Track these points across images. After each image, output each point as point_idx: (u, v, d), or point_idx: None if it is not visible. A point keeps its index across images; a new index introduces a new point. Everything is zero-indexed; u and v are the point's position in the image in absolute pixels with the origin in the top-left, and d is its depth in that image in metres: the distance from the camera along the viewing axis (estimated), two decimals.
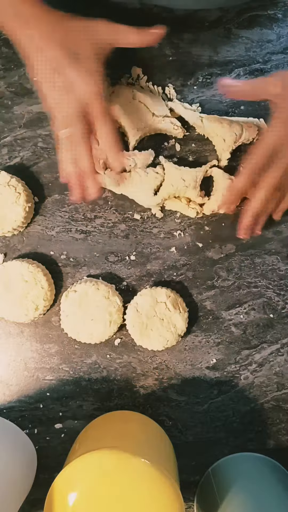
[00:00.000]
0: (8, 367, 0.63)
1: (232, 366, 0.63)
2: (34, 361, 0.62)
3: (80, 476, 0.47)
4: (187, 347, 0.63)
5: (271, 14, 0.64)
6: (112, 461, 0.47)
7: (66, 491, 0.47)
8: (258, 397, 0.63)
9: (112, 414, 0.61)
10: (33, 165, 0.63)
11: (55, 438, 0.62)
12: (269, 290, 0.63)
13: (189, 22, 0.63)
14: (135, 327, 0.59)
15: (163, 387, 0.63)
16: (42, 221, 0.63)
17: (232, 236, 0.63)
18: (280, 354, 0.63)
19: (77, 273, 0.63)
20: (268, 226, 0.63)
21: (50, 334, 0.63)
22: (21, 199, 0.59)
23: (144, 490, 0.46)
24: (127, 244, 0.63)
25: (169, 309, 0.59)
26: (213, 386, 0.63)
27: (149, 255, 0.63)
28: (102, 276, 0.63)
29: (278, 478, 0.58)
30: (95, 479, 0.47)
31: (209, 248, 0.63)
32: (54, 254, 0.63)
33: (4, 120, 0.63)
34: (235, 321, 0.63)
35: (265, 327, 0.63)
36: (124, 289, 0.63)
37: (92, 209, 0.63)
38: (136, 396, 0.62)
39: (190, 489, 0.62)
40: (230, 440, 0.63)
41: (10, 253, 0.63)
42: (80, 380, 0.62)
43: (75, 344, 0.62)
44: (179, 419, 0.63)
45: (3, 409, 0.62)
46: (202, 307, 0.63)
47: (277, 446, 0.63)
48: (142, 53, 0.63)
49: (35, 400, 0.62)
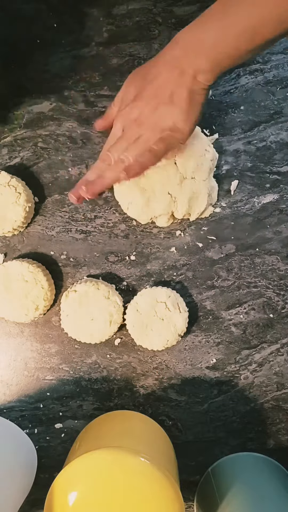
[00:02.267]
0: (8, 367, 0.63)
1: (232, 366, 0.63)
2: (34, 361, 0.63)
3: (80, 476, 0.47)
4: (187, 347, 0.63)
5: None
6: (112, 461, 0.47)
7: (66, 491, 0.47)
8: (258, 397, 0.63)
9: (112, 414, 0.61)
10: (33, 165, 0.63)
11: (55, 438, 0.62)
12: (269, 290, 0.63)
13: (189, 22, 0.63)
14: (135, 327, 0.59)
15: (163, 387, 0.63)
16: (42, 221, 0.63)
17: (232, 236, 0.63)
18: (280, 354, 0.63)
19: (77, 273, 0.63)
20: (268, 226, 0.63)
21: (50, 334, 0.63)
22: (21, 199, 0.59)
23: (144, 490, 0.46)
24: (127, 244, 0.63)
25: (169, 309, 0.59)
26: (213, 386, 0.63)
27: (149, 255, 0.63)
28: (102, 276, 0.63)
29: (278, 478, 0.58)
30: (95, 479, 0.47)
31: (209, 248, 0.63)
32: (54, 254, 0.63)
33: (4, 120, 0.63)
34: (235, 321, 0.63)
35: (265, 327, 0.63)
36: (124, 289, 0.63)
37: (92, 209, 0.63)
38: (136, 396, 0.63)
39: (190, 489, 0.62)
40: (230, 440, 0.63)
41: (10, 253, 0.63)
42: (80, 380, 0.63)
43: (75, 344, 0.62)
44: (179, 419, 0.63)
45: (3, 409, 0.62)
46: (202, 307, 0.63)
47: (277, 446, 0.63)
48: (142, 54, 0.63)
49: (35, 400, 0.62)
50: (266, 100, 0.64)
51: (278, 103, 0.63)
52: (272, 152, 0.63)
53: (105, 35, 0.64)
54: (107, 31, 0.63)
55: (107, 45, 0.64)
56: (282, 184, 0.63)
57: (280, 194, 0.63)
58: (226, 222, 0.63)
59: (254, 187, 0.63)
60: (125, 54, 0.63)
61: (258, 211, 0.63)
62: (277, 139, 0.63)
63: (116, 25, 0.63)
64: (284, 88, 0.64)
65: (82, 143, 0.63)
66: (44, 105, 0.63)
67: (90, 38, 0.64)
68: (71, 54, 0.64)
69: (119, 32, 0.64)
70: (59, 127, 0.63)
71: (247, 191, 0.63)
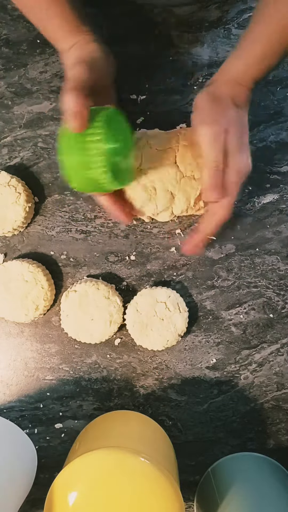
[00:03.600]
0: (8, 367, 0.63)
1: (232, 366, 0.63)
2: (34, 361, 0.63)
3: (80, 476, 0.47)
4: (187, 347, 0.63)
5: None
6: (112, 461, 0.47)
7: (66, 491, 0.47)
8: (258, 397, 0.63)
9: (112, 414, 0.61)
10: (33, 165, 0.63)
11: (55, 438, 0.62)
12: (269, 290, 0.63)
13: (189, 22, 0.63)
14: (135, 327, 0.59)
15: (163, 387, 0.63)
16: (42, 221, 0.63)
17: (232, 236, 0.63)
18: (280, 354, 0.63)
19: (77, 273, 0.63)
20: (268, 226, 0.63)
21: (50, 334, 0.63)
22: (21, 199, 0.59)
23: (144, 490, 0.46)
24: (127, 244, 0.63)
25: (169, 309, 0.59)
26: (213, 386, 0.63)
27: (149, 255, 0.63)
28: (102, 276, 0.63)
29: (278, 478, 0.58)
30: (95, 479, 0.47)
31: (209, 248, 0.63)
32: (54, 254, 0.63)
33: (4, 120, 0.63)
34: (235, 321, 0.63)
35: (265, 327, 0.63)
36: (124, 289, 0.63)
37: (92, 209, 0.63)
38: (136, 396, 0.62)
39: (190, 489, 0.62)
40: (230, 440, 0.63)
41: (10, 253, 0.63)
42: (80, 380, 0.63)
43: (75, 344, 0.62)
44: (179, 419, 0.63)
45: (3, 409, 0.62)
46: (202, 307, 0.63)
47: (277, 446, 0.63)
48: (142, 54, 0.63)
49: (35, 400, 0.62)
50: (266, 100, 0.64)
51: (278, 103, 0.63)
52: (272, 152, 0.63)
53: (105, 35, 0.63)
54: (107, 31, 0.63)
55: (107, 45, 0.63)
56: (282, 184, 0.63)
57: (280, 194, 0.63)
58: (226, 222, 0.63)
59: (254, 187, 0.63)
60: (125, 54, 0.63)
61: (258, 211, 0.63)
62: (277, 139, 0.63)
63: (116, 25, 0.63)
64: (284, 88, 0.64)
65: None
66: (44, 105, 0.63)
67: None
68: None
69: (119, 32, 0.63)
70: (59, 127, 0.63)
71: (247, 191, 0.63)
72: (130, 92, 0.63)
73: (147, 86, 0.63)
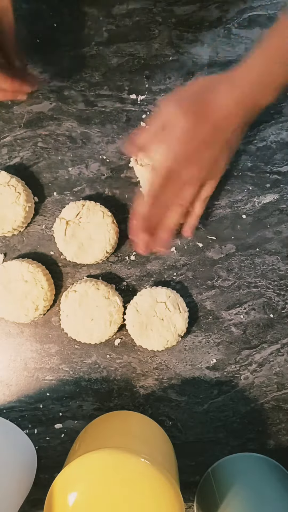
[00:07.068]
0: (8, 367, 0.63)
1: (232, 366, 0.63)
2: (34, 361, 0.62)
3: (80, 476, 0.47)
4: (187, 347, 0.63)
5: (271, 14, 0.64)
6: (112, 461, 0.47)
7: (66, 491, 0.47)
8: (258, 397, 0.63)
9: (112, 414, 0.61)
10: (33, 165, 0.63)
11: (55, 438, 0.62)
12: (269, 290, 0.63)
13: (189, 22, 0.63)
14: (135, 327, 0.59)
15: (163, 387, 0.62)
16: (42, 221, 0.63)
17: (232, 236, 0.63)
18: (280, 354, 0.63)
19: (77, 273, 0.63)
20: (269, 226, 0.63)
21: (50, 334, 0.63)
22: (21, 199, 0.59)
23: (144, 490, 0.46)
24: (127, 244, 0.63)
25: (169, 309, 0.59)
26: (213, 386, 0.63)
27: (149, 255, 0.63)
28: (102, 276, 0.63)
29: (278, 478, 0.57)
30: (95, 479, 0.47)
31: (209, 248, 0.63)
32: (54, 254, 0.63)
33: (4, 120, 0.63)
34: (235, 321, 0.63)
35: (265, 327, 0.63)
36: (124, 289, 0.63)
37: None
38: (136, 396, 0.62)
39: (190, 489, 0.62)
40: (230, 440, 0.63)
41: (10, 253, 0.63)
42: (80, 380, 0.62)
43: (75, 344, 0.62)
44: (179, 419, 0.63)
45: (3, 409, 0.62)
46: (202, 307, 0.63)
47: (277, 446, 0.63)
48: (142, 54, 0.63)
49: (35, 400, 0.62)
50: None
51: (278, 103, 0.63)
52: (272, 152, 0.63)
53: (105, 34, 0.64)
54: (107, 31, 0.63)
55: (107, 44, 0.64)
56: (282, 184, 0.63)
57: (280, 194, 0.63)
58: (226, 222, 0.63)
59: (254, 187, 0.63)
60: (125, 54, 0.63)
61: (258, 211, 0.63)
62: (277, 139, 0.63)
63: (116, 25, 0.63)
64: None
65: (82, 143, 0.63)
66: (44, 105, 0.63)
67: (90, 38, 0.64)
68: (71, 54, 0.63)
69: (119, 32, 0.63)
70: (59, 127, 0.63)
71: (247, 191, 0.63)
72: (130, 92, 0.63)
73: (147, 86, 0.63)
